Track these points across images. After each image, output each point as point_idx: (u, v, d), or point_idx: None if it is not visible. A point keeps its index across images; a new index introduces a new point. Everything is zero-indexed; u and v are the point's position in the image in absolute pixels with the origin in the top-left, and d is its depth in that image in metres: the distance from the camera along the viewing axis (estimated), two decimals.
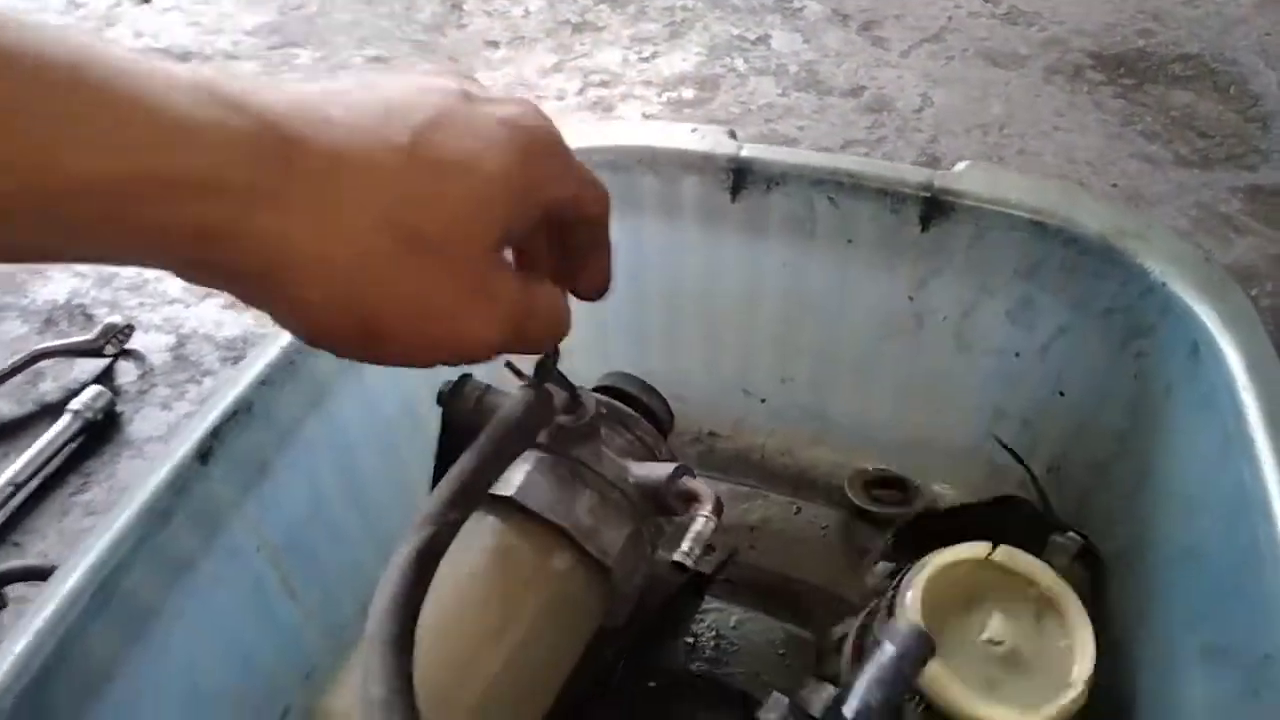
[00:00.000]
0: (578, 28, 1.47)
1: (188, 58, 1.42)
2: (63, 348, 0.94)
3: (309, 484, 0.52)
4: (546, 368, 0.41)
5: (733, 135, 0.60)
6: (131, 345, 0.96)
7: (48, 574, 0.41)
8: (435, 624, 0.35)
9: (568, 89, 1.34)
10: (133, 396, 0.92)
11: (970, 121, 1.24)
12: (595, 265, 0.36)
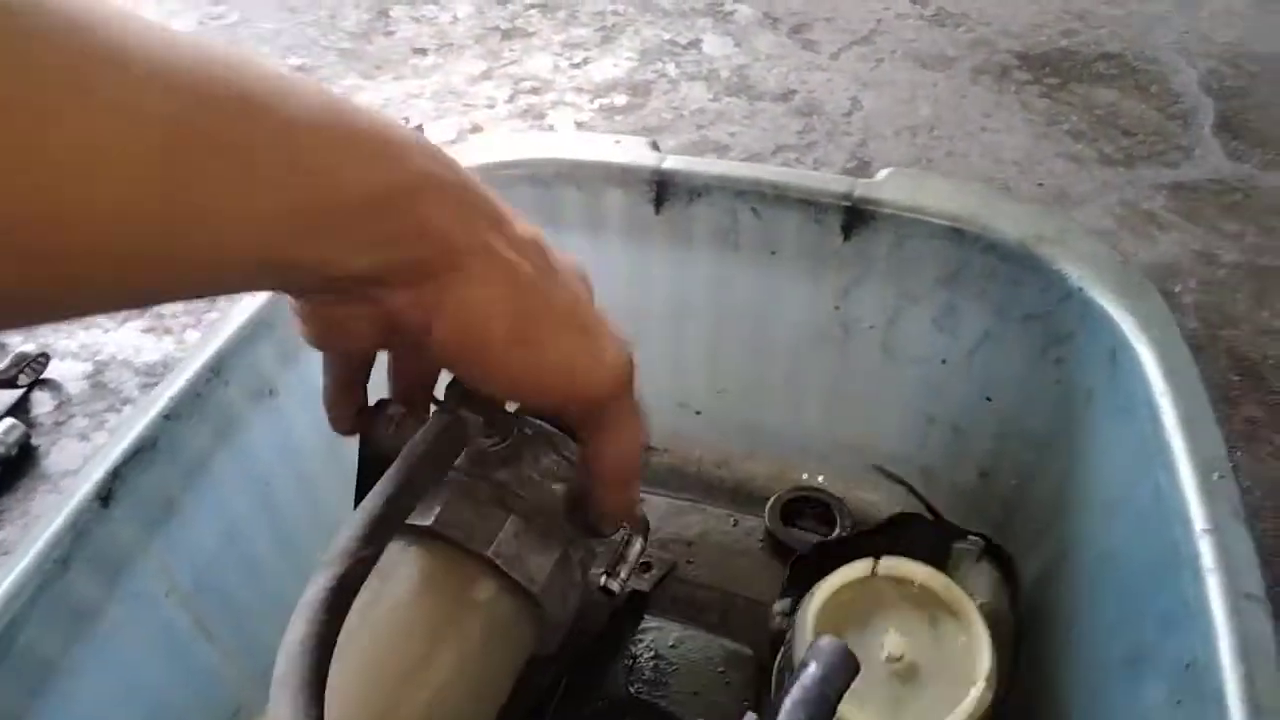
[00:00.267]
0: (507, 34, 1.46)
1: None
2: None
3: (221, 520, 0.50)
4: (458, 390, 0.40)
5: (655, 146, 0.60)
6: (47, 374, 0.92)
7: None
8: (352, 665, 0.34)
9: (497, 97, 1.32)
10: (49, 428, 0.88)
11: (899, 124, 1.25)
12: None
